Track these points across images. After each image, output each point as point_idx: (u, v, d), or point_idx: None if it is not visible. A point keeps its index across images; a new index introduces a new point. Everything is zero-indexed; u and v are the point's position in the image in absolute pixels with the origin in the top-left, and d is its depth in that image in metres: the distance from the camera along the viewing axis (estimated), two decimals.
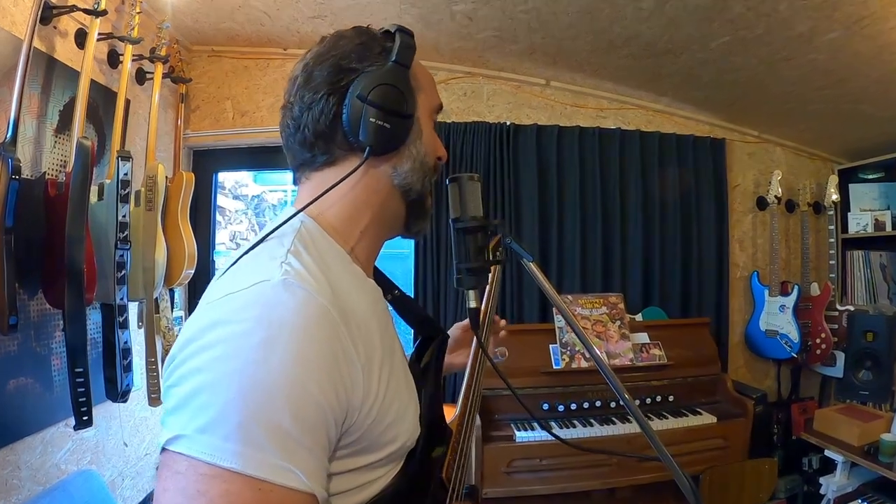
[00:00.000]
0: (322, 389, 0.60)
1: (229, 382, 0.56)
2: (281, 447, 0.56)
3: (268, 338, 0.58)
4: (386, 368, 0.72)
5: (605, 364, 0.92)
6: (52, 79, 2.09)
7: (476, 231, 0.89)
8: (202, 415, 0.56)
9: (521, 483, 2.44)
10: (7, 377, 1.91)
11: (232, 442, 0.54)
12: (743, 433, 2.65)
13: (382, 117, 0.75)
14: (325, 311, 0.64)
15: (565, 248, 3.09)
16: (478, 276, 0.90)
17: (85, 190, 1.97)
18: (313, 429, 0.59)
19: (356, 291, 0.73)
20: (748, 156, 3.45)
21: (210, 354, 0.58)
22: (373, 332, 0.71)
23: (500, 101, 3.19)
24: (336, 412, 0.62)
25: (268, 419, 0.56)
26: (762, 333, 3.27)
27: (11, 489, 1.91)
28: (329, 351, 0.62)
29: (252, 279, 0.64)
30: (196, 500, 0.53)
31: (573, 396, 2.64)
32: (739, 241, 3.43)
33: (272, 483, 0.55)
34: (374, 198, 0.81)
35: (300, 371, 0.59)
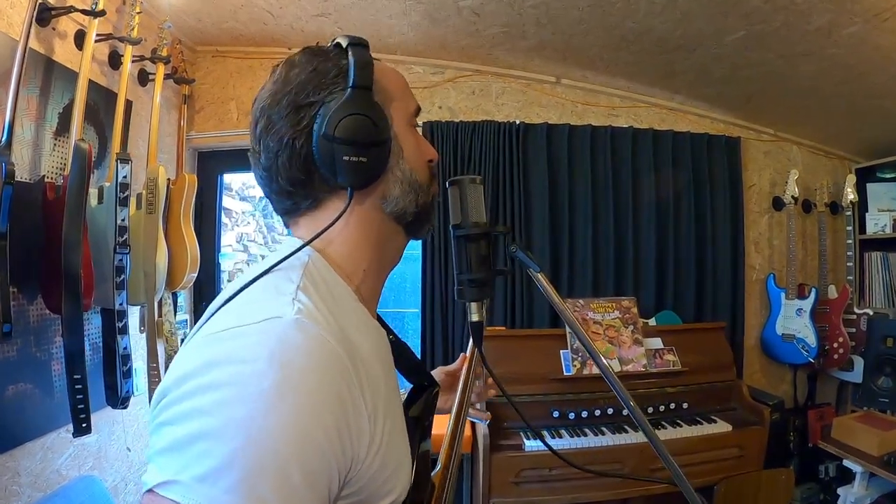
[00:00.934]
0: (329, 439, 0.56)
1: (237, 430, 0.51)
2: (286, 500, 0.51)
3: (279, 383, 0.53)
4: (390, 416, 0.67)
5: (612, 375, 0.86)
6: (52, 81, 2.06)
7: (479, 239, 0.83)
8: (202, 463, 0.51)
9: (530, 493, 2.37)
10: (6, 383, 1.88)
11: (234, 495, 0.50)
12: (759, 442, 2.57)
13: (356, 152, 0.69)
14: (337, 357, 0.59)
15: (576, 251, 3.03)
16: (481, 288, 0.83)
17: (82, 193, 1.94)
18: (318, 482, 0.55)
19: (363, 333, 0.68)
20: (764, 155, 3.37)
21: (215, 396, 0.53)
22: (378, 377, 0.66)
23: (510, 100, 3.12)
24: (341, 463, 0.58)
25: (278, 473, 0.51)
26: (779, 338, 3.19)
27: (11, 495, 1.89)
28: (338, 399, 0.58)
29: (262, 314, 0.59)
30: None
31: (584, 404, 2.57)
32: (755, 242, 3.35)
33: None
34: (370, 233, 0.75)
35: (311, 419, 0.54)
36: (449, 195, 0.84)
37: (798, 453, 3.06)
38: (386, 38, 2.77)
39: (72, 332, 1.94)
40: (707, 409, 2.70)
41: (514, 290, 2.92)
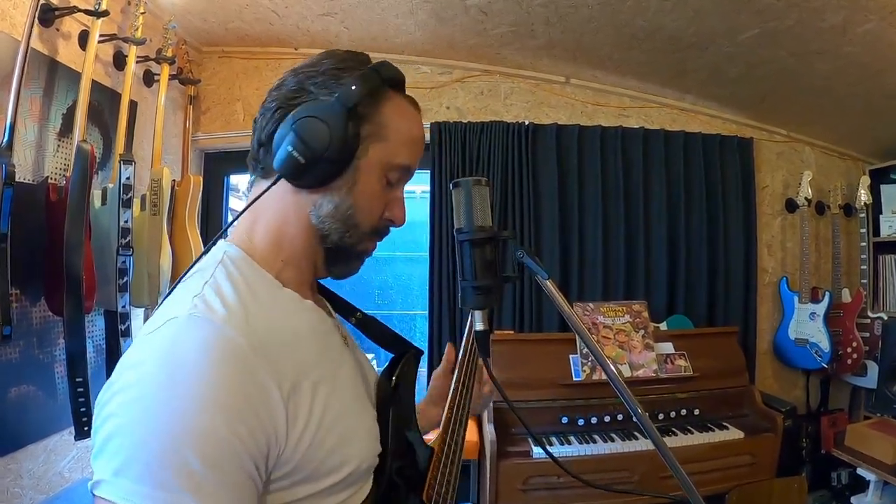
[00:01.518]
0: (231, 426, 0.58)
1: (136, 425, 0.56)
2: (191, 487, 0.54)
3: (169, 379, 0.58)
4: (323, 388, 0.69)
5: (621, 383, 0.81)
6: (55, 81, 2.05)
7: (484, 244, 0.79)
8: (116, 458, 0.56)
9: (537, 501, 2.32)
10: (9, 384, 1.87)
11: (143, 484, 0.54)
12: (772, 449, 2.52)
13: (300, 150, 0.70)
14: (234, 346, 0.62)
15: (586, 253, 2.99)
16: (486, 296, 0.79)
17: (84, 194, 1.92)
18: (226, 467, 0.57)
19: (287, 314, 0.73)
20: (777, 156, 3.32)
21: (122, 398, 0.58)
22: (304, 354, 0.70)
23: (518, 100, 3.09)
24: (252, 449, 0.60)
25: (175, 461, 0.55)
26: (791, 342, 3.13)
27: (13, 498, 1.88)
28: (237, 387, 0.60)
29: (164, 317, 0.63)
30: None
31: (594, 410, 2.52)
32: (768, 245, 3.29)
33: None
34: (293, 230, 0.76)
35: (203, 411, 0.57)
36: (453, 197, 0.81)
37: (810, 460, 3.00)
38: (393, 37, 2.74)
39: (73, 334, 1.93)
40: (719, 415, 2.64)
41: (522, 293, 2.89)
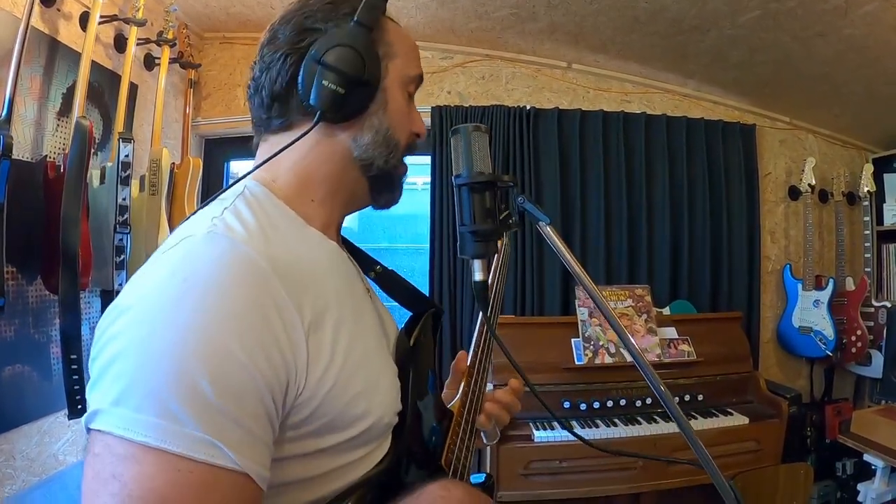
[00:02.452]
0: (246, 349, 0.53)
1: (140, 346, 0.51)
2: (200, 418, 0.49)
3: (180, 295, 0.53)
4: (346, 330, 0.66)
5: (637, 350, 0.80)
6: (56, 61, 2.05)
7: (483, 189, 0.76)
8: (116, 385, 0.51)
9: (538, 486, 2.30)
10: (3, 363, 1.86)
11: (144, 412, 0.49)
12: (777, 435, 2.49)
13: (336, 81, 0.69)
14: (252, 262, 0.58)
15: (589, 239, 2.97)
16: (485, 242, 0.77)
17: (82, 170, 1.91)
18: (240, 396, 0.52)
19: (309, 249, 0.70)
20: (779, 143, 3.30)
21: (126, 318, 0.53)
22: (326, 288, 0.66)
23: (520, 85, 3.07)
24: (270, 377, 0.55)
25: (182, 384, 0.50)
26: (795, 330, 3.10)
27: (5, 479, 1.86)
28: (254, 306, 0.56)
29: (179, 237, 0.60)
30: (109, 484, 0.47)
31: (596, 394, 2.49)
32: (771, 232, 3.27)
33: (191, 459, 0.48)
34: (329, 168, 0.75)
35: (217, 328, 0.53)
36: (451, 145, 0.79)
37: (815, 449, 2.97)
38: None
39: (68, 311, 1.91)
40: (723, 401, 2.62)
41: (524, 276, 2.86)
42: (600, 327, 2.54)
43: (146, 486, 0.47)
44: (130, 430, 0.48)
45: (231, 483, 0.50)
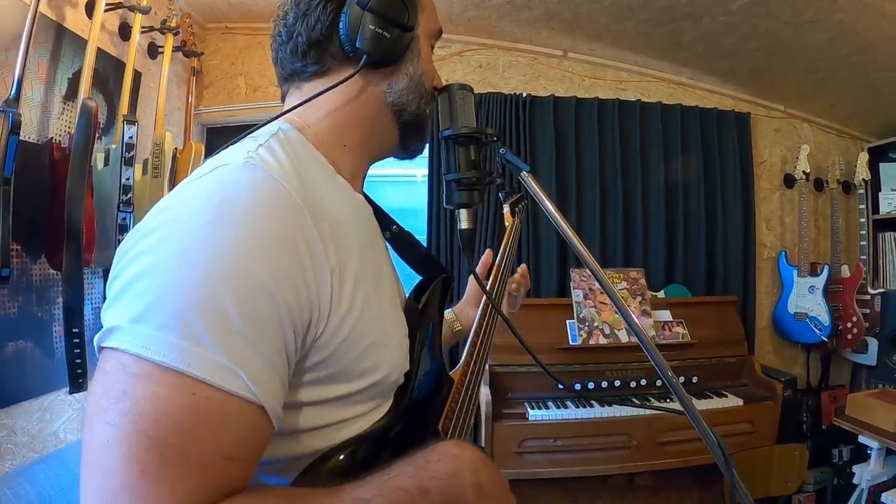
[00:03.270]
0: (275, 278, 0.52)
1: (169, 264, 0.50)
2: (224, 343, 0.48)
3: (215, 217, 0.52)
4: (365, 284, 0.65)
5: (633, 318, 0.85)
6: (62, 46, 2.10)
7: (468, 142, 0.81)
8: (138, 302, 0.49)
9: (533, 465, 2.33)
10: (6, 339, 1.88)
11: (167, 332, 0.47)
12: (771, 417, 2.51)
13: (383, 25, 0.71)
14: (288, 196, 0.57)
15: (584, 224, 3.00)
16: (469, 191, 0.81)
17: (87, 149, 1.96)
18: (264, 326, 0.51)
19: (336, 197, 0.68)
20: (774, 131, 3.33)
21: (154, 237, 0.52)
22: (350, 240, 0.65)
23: (517, 73, 3.11)
24: (294, 312, 0.54)
25: (209, 307, 0.48)
26: (791, 316, 3.12)
27: (5, 454, 1.88)
28: (287, 238, 0.55)
29: (212, 165, 0.59)
30: (120, 402, 0.45)
31: (591, 375, 2.52)
32: (766, 219, 3.30)
33: (209, 385, 0.47)
34: (364, 113, 0.76)
35: (249, 254, 0.51)
36: (438, 104, 0.83)
37: (811, 435, 2.99)
38: None
39: (72, 286, 1.95)
40: (717, 384, 2.65)
41: (520, 258, 2.90)
42: (595, 309, 2.57)
43: (160, 407, 0.45)
44: (149, 348, 0.47)
45: (247, 415, 0.49)
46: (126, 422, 0.44)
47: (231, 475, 0.48)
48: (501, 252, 1.28)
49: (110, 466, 0.43)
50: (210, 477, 0.46)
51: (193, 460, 0.45)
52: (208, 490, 0.45)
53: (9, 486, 1.72)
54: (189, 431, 0.46)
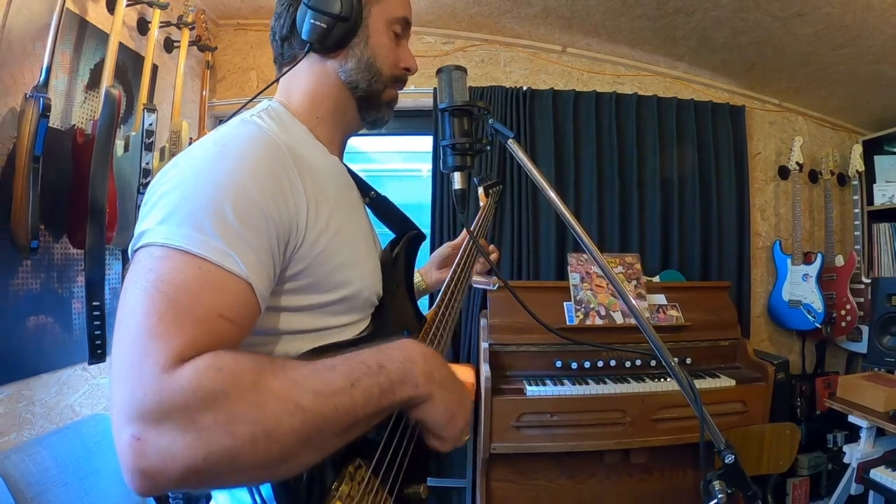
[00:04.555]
0: (263, 196, 0.69)
1: (185, 184, 0.67)
2: (223, 234, 0.63)
3: (219, 153, 0.71)
4: (338, 216, 0.81)
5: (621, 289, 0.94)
6: (84, 39, 2.24)
7: (462, 114, 0.95)
8: (163, 210, 0.65)
9: (530, 439, 2.41)
10: (27, 313, 2.00)
11: (184, 227, 0.62)
12: (763, 398, 2.57)
13: (317, 17, 0.86)
14: (275, 144, 0.75)
15: (582, 214, 3.10)
16: (462, 155, 0.95)
17: (110, 134, 2.09)
18: (255, 228, 0.67)
19: (314, 154, 0.86)
20: (769, 124, 3.41)
21: (174, 172, 0.70)
22: (326, 184, 0.82)
23: (517, 68, 3.22)
24: (277, 223, 0.70)
25: (214, 211, 0.64)
26: (785, 304, 3.20)
27: (24, 423, 1.98)
28: (273, 171, 0.72)
29: (215, 130, 0.77)
30: (146, 276, 0.60)
31: (588, 355, 2.60)
32: (761, 209, 3.38)
33: (212, 263, 0.62)
34: (327, 91, 0.92)
35: (244, 177, 0.69)
36: (437, 82, 0.97)
37: (806, 420, 3.05)
38: None
39: (94, 261, 2.06)
40: (711, 366, 2.73)
41: (520, 242, 3.01)
42: (591, 291, 2.66)
43: (176, 277, 0.59)
44: (170, 239, 0.61)
45: (238, 288, 0.63)
46: (151, 286, 0.59)
47: (224, 333, 0.60)
48: (475, 221, 1.40)
49: (137, 317, 0.57)
50: (207, 328, 0.59)
51: (197, 313, 0.59)
52: (205, 337, 0.58)
53: (27, 454, 1.80)
54: (195, 293, 0.60)
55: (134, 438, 0.52)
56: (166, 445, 0.52)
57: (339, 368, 0.64)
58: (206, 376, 0.54)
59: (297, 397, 0.58)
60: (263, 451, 0.55)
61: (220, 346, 0.59)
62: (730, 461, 0.93)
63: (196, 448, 0.52)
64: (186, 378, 0.54)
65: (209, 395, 0.54)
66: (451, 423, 0.73)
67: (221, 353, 0.58)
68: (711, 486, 0.96)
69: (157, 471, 0.52)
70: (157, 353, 0.54)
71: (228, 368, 0.56)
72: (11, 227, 1.83)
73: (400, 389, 0.67)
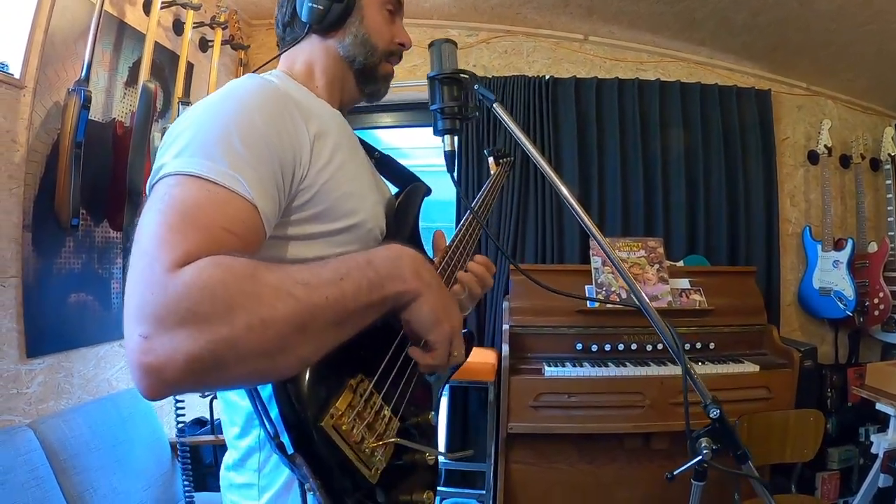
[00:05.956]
0: (268, 129, 0.75)
1: (197, 122, 0.73)
2: (230, 160, 0.69)
3: (227, 96, 0.78)
4: (342, 152, 0.87)
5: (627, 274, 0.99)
6: (123, 40, 2.40)
7: (451, 83, 1.01)
8: (178, 146, 0.70)
9: (548, 420, 2.44)
10: (70, 290, 2.15)
11: (196, 157, 0.68)
12: (788, 384, 2.53)
13: (316, 1, 0.95)
14: (280, 92, 0.82)
15: (606, 201, 3.12)
16: (451, 119, 1.01)
17: (148, 123, 2.24)
18: (259, 155, 0.72)
19: (316, 104, 0.92)
20: (797, 109, 3.35)
21: (188, 115, 0.76)
22: (329, 127, 0.88)
23: (540, 58, 3.26)
24: (281, 154, 0.75)
25: (223, 141, 0.70)
26: (816, 291, 3.13)
27: (62, 392, 2.11)
28: (278, 109, 0.78)
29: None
30: (163, 199, 0.65)
31: (608, 338, 2.62)
32: (790, 195, 3.32)
33: (220, 185, 0.67)
34: (326, 63, 1.00)
35: (249, 112, 0.75)
36: (430, 55, 1.04)
37: (836, 411, 2.97)
38: (422, 2, 2.98)
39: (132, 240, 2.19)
40: (736, 351, 2.69)
41: (544, 226, 3.05)
42: (612, 275, 2.67)
43: (187, 197, 0.65)
44: (183, 167, 0.67)
45: (242, 207, 0.68)
46: (165, 205, 0.64)
47: (227, 244, 0.65)
48: (482, 192, 1.43)
49: (153, 229, 0.62)
50: (210, 236, 0.64)
51: (203, 223, 0.64)
52: (209, 244, 0.63)
53: (64, 420, 1.92)
54: (203, 208, 0.65)
55: (141, 338, 0.55)
56: (170, 340, 0.55)
57: (330, 264, 0.68)
58: (206, 272, 0.59)
59: (289, 287, 0.62)
60: (260, 338, 0.59)
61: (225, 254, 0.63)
62: (715, 415, 0.95)
63: (197, 339, 0.56)
64: (189, 274, 0.58)
65: (207, 288, 0.58)
66: (436, 326, 0.74)
67: (222, 255, 0.62)
68: (698, 443, 0.98)
69: (163, 365, 0.55)
70: (163, 258, 0.59)
71: (226, 264, 0.61)
72: (55, 207, 1.99)
73: (388, 284, 0.70)
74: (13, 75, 1.97)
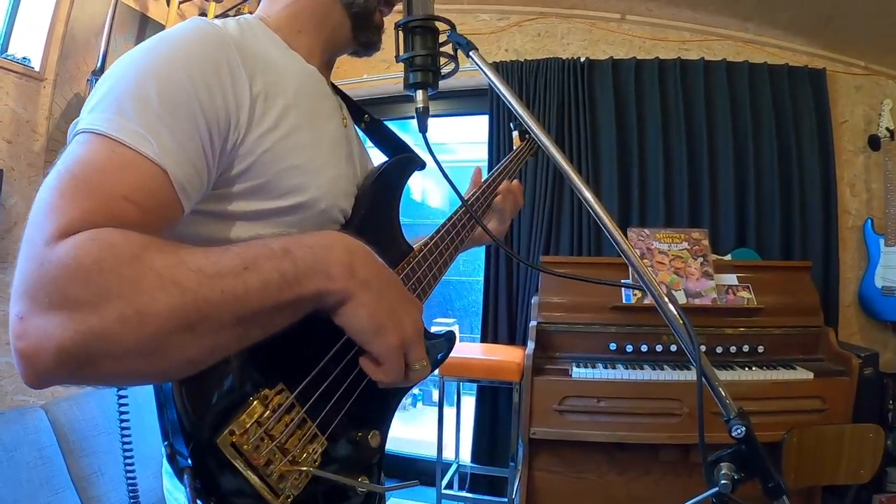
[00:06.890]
0: (192, 81, 0.63)
1: (117, 74, 0.63)
2: (142, 117, 0.59)
3: (156, 45, 0.66)
4: (295, 115, 0.74)
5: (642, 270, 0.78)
6: (145, 32, 2.43)
7: (425, 32, 0.83)
8: (92, 100, 0.62)
9: (574, 425, 2.27)
10: None
11: (107, 112, 0.59)
12: (845, 395, 2.28)
13: None
14: (218, 33, 0.69)
15: (648, 188, 2.96)
16: (424, 71, 0.82)
17: None
18: (178, 112, 0.61)
19: (281, 55, 0.80)
20: (855, 89, 3.05)
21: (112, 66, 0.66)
22: (286, 83, 0.75)
23: (575, 40, 3.11)
24: (208, 111, 0.64)
25: (138, 95, 0.60)
26: (878, 291, 2.85)
27: None
28: (209, 57, 0.66)
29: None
30: (67, 159, 0.57)
31: (645, 338, 2.42)
32: (850, 184, 3.04)
33: (126, 145, 0.57)
34: (317, 6, 0.88)
35: (173, 62, 0.64)
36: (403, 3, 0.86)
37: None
38: None
39: None
40: (787, 356, 2.45)
41: (580, 218, 2.93)
42: (652, 269, 2.48)
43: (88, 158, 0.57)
44: (93, 124, 0.58)
45: (150, 173, 0.58)
46: (63, 168, 0.56)
47: (126, 215, 0.55)
48: (498, 167, 1.28)
49: (43, 194, 0.54)
50: (104, 205, 0.54)
51: (98, 190, 0.55)
52: (101, 214, 0.53)
53: (76, 403, 1.97)
54: (102, 172, 0.56)
55: (17, 318, 0.49)
56: (43, 324, 0.48)
57: (235, 250, 0.57)
58: (84, 248, 0.50)
59: (177, 275, 0.52)
60: (135, 333, 0.49)
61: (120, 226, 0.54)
62: (739, 434, 0.73)
63: (66, 327, 0.48)
64: (64, 249, 0.49)
65: (81, 267, 0.49)
66: (378, 336, 0.62)
67: (110, 228, 0.53)
68: (716, 469, 0.77)
69: (34, 353, 0.48)
70: (46, 226, 0.51)
71: (108, 240, 0.51)
72: None
73: (307, 280, 0.58)
74: (33, 68, 2.07)
